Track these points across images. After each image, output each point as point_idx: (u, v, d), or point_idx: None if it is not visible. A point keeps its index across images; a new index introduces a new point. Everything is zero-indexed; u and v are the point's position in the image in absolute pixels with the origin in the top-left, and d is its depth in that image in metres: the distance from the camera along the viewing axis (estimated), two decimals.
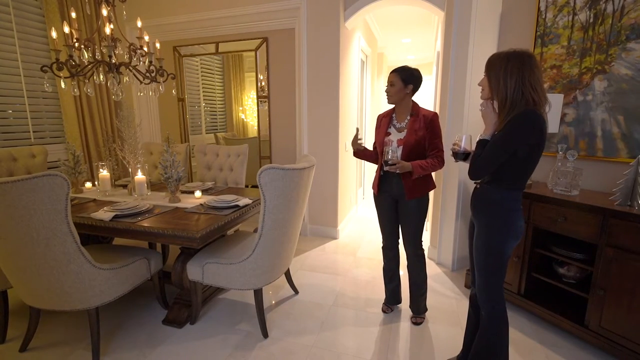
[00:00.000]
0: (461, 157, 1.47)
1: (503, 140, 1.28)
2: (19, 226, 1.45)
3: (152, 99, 4.02)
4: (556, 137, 2.29)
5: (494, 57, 1.33)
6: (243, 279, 1.89)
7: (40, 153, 2.69)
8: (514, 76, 1.26)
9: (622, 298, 1.67)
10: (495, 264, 1.40)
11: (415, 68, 1.89)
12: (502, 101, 1.30)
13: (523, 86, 1.25)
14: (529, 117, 1.23)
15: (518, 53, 1.27)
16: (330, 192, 3.49)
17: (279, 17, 3.34)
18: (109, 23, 2.05)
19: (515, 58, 1.27)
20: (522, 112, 1.24)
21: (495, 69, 1.31)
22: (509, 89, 1.27)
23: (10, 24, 2.86)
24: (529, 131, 1.24)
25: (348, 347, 1.90)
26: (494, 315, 1.44)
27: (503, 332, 1.45)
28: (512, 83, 1.26)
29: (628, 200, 1.71)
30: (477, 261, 1.44)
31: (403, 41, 5.53)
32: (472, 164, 1.38)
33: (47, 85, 2.00)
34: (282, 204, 1.79)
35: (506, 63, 1.27)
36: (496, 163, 1.31)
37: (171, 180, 2.15)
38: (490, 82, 1.33)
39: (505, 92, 1.28)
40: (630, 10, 1.94)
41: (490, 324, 1.45)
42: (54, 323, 2.08)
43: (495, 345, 1.45)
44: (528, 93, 1.25)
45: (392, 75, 1.89)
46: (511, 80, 1.26)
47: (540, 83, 1.27)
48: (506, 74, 1.27)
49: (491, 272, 1.41)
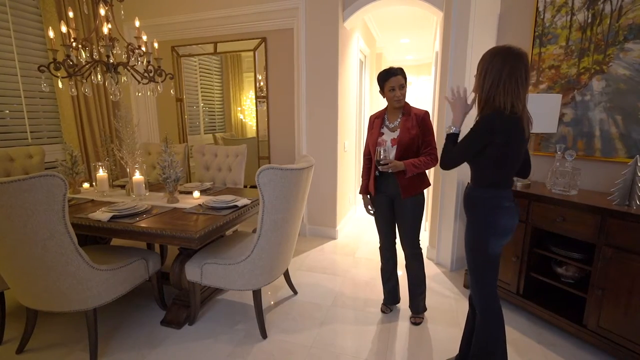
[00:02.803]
0: None
1: (468, 140, 1.37)
2: (16, 227, 1.45)
3: (150, 99, 4.01)
4: (554, 137, 2.30)
5: (486, 52, 1.37)
6: (242, 280, 1.88)
7: (37, 153, 2.68)
8: (490, 77, 1.30)
9: (620, 297, 1.68)
10: (480, 262, 1.42)
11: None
12: (478, 98, 1.39)
13: (496, 88, 1.29)
14: (490, 120, 1.29)
15: (505, 52, 1.29)
16: (329, 192, 3.49)
17: (278, 17, 3.33)
18: (106, 23, 2.04)
19: (499, 57, 1.29)
20: (486, 115, 1.31)
21: (480, 65, 1.36)
22: (485, 88, 1.32)
23: (7, 24, 2.85)
24: (489, 132, 1.30)
25: (347, 347, 1.90)
26: (488, 314, 1.45)
27: (498, 332, 1.46)
28: (487, 83, 1.31)
29: (626, 200, 1.72)
30: (467, 260, 1.49)
31: (402, 41, 5.53)
32: (442, 157, 1.50)
33: (44, 85, 1.99)
34: (280, 205, 1.79)
35: (489, 61, 1.31)
36: (464, 159, 1.42)
37: (169, 180, 2.14)
38: (476, 76, 1.39)
39: (481, 91, 1.35)
40: (628, 11, 1.94)
41: (485, 323, 1.46)
42: (51, 324, 2.07)
43: (492, 345, 1.46)
44: (499, 97, 1.28)
45: (400, 78, 1.84)
46: (488, 80, 1.31)
47: (520, 85, 1.28)
48: (485, 73, 1.32)
49: (478, 269, 1.44)
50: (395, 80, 1.84)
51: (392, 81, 1.84)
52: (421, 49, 6.01)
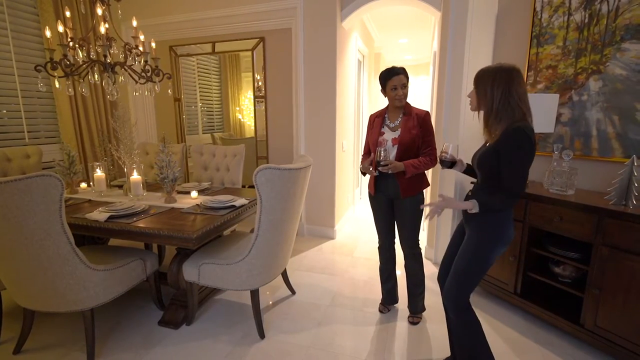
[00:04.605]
0: (447, 165, 1.56)
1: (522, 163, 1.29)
2: (13, 227, 1.44)
3: (148, 98, 4.00)
4: (552, 137, 2.30)
5: (483, 71, 1.38)
6: (239, 280, 1.88)
7: (34, 153, 2.67)
8: (500, 87, 1.31)
9: (617, 297, 1.68)
10: (476, 271, 1.42)
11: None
12: (488, 111, 1.37)
13: (510, 96, 1.30)
14: (528, 133, 1.26)
15: (505, 67, 1.33)
16: (327, 192, 3.48)
17: (276, 17, 3.33)
18: (103, 22, 2.03)
19: (502, 71, 1.32)
20: (519, 129, 1.27)
21: (483, 81, 1.36)
22: (495, 99, 1.32)
23: (5, 23, 2.84)
24: (534, 144, 1.29)
25: (345, 347, 1.90)
26: (463, 314, 1.45)
27: (477, 332, 1.46)
28: (498, 93, 1.32)
29: (623, 199, 1.72)
30: (459, 264, 1.45)
31: (400, 41, 5.53)
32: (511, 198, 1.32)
33: (41, 85, 1.98)
34: (278, 204, 1.79)
35: (494, 75, 1.33)
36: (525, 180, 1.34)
37: (167, 180, 2.14)
38: (478, 93, 1.38)
39: (491, 102, 1.34)
40: (625, 11, 1.95)
41: (462, 328, 1.46)
42: (48, 325, 2.06)
43: (474, 348, 1.46)
44: (515, 103, 1.30)
45: (403, 77, 1.85)
46: (497, 90, 1.32)
47: (526, 97, 1.33)
48: (493, 85, 1.33)
49: (468, 274, 1.43)
50: (397, 79, 1.85)
51: (395, 80, 1.85)
52: (419, 49, 6.02)
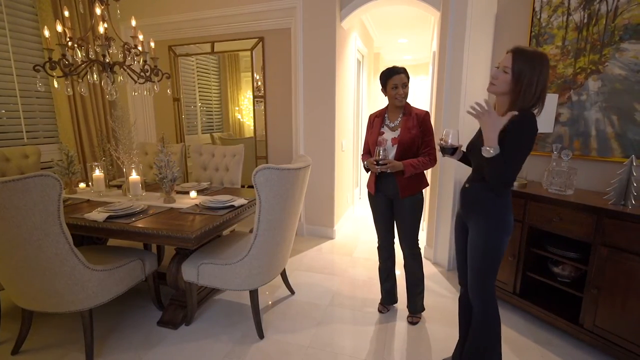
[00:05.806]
0: (449, 152, 1.50)
1: (523, 146, 1.26)
2: (11, 227, 1.44)
3: (147, 98, 4.00)
4: (551, 136, 2.30)
5: (530, 53, 1.25)
6: (239, 280, 1.88)
7: (33, 153, 2.66)
8: (541, 84, 1.25)
9: (616, 297, 1.68)
10: (492, 263, 1.40)
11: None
12: (520, 99, 1.26)
13: (544, 89, 1.27)
14: (533, 119, 1.25)
15: (542, 54, 1.27)
16: (327, 192, 3.48)
17: (275, 16, 3.33)
18: (102, 22, 2.03)
19: (544, 58, 1.26)
20: (524, 115, 1.25)
21: (528, 64, 1.24)
22: (538, 89, 1.25)
23: (3, 23, 2.83)
24: (536, 131, 1.27)
25: (344, 347, 1.90)
26: (487, 314, 1.44)
27: (497, 331, 1.45)
28: (539, 90, 1.25)
29: (622, 199, 1.73)
30: (474, 260, 1.43)
31: (399, 41, 5.53)
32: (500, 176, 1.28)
33: (39, 84, 1.98)
34: (277, 204, 1.78)
35: (540, 62, 1.24)
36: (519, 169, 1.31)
37: (166, 180, 2.13)
38: (520, 77, 1.24)
39: (533, 92, 1.25)
40: (624, 11, 1.95)
41: (484, 323, 1.45)
42: (47, 325, 2.06)
43: (489, 345, 1.45)
44: (544, 94, 1.28)
45: (404, 76, 1.85)
46: (539, 87, 1.25)
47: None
48: (540, 74, 1.24)
49: (487, 271, 1.41)
50: (398, 78, 1.85)
51: (396, 79, 1.85)
52: (419, 49, 6.03)
